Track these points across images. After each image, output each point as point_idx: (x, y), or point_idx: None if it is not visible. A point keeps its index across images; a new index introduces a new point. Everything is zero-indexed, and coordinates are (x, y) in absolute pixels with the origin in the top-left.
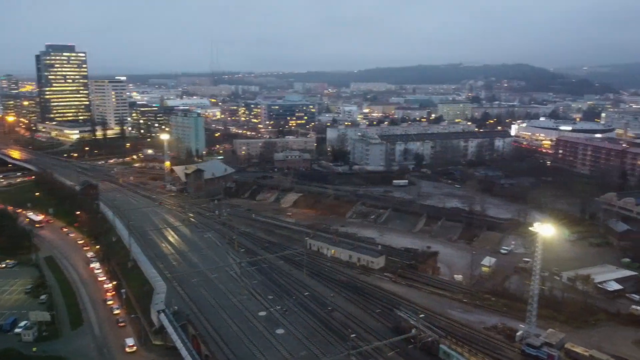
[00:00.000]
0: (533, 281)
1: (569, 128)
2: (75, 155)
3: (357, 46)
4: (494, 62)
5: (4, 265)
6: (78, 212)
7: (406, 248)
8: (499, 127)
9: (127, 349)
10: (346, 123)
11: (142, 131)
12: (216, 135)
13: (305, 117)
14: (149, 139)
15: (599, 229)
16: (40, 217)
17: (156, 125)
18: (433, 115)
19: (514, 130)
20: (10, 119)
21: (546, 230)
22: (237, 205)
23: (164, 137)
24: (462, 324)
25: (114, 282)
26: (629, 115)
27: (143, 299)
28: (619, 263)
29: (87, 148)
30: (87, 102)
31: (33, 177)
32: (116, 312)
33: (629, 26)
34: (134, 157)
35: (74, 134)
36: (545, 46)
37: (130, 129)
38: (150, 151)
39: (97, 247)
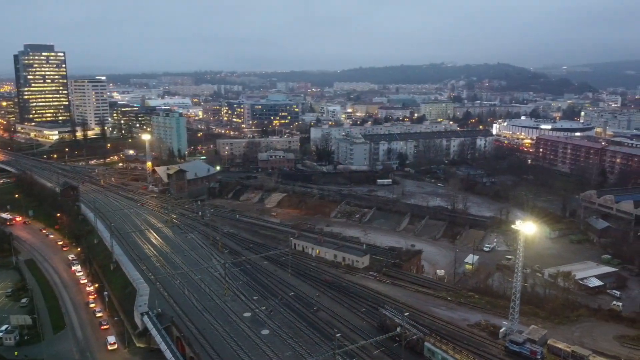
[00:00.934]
0: (515, 278)
1: (549, 127)
2: (55, 156)
3: (340, 46)
4: (475, 62)
5: None
6: (58, 214)
7: (390, 247)
8: (481, 126)
9: (109, 347)
10: (330, 123)
11: (123, 131)
12: (198, 135)
13: (289, 117)
14: (130, 140)
15: (580, 226)
16: (9, 216)
17: (137, 125)
18: (416, 115)
19: (495, 129)
20: None
21: (527, 227)
22: (221, 205)
23: (146, 137)
24: (446, 322)
25: (96, 285)
26: (608, 114)
27: (126, 302)
28: (600, 260)
29: (67, 149)
30: (67, 103)
31: (15, 178)
32: (99, 314)
33: (607, 26)
34: (115, 157)
35: (53, 135)
36: (526, 46)
37: (111, 129)
38: (131, 152)
39: (79, 249)
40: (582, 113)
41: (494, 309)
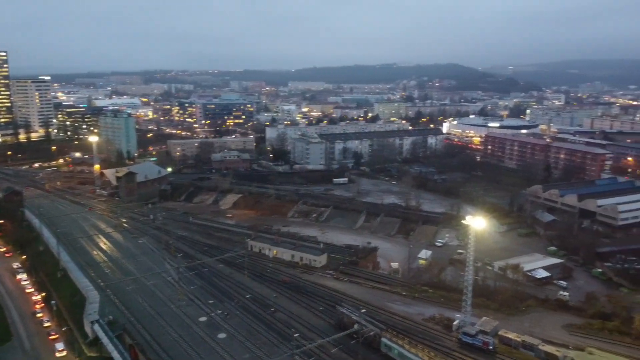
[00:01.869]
0: (467, 272)
1: (497, 125)
2: None
3: (294, 45)
4: (426, 62)
5: None
6: (1, 221)
7: (347, 245)
8: (432, 125)
9: (57, 354)
10: (285, 122)
11: (69, 133)
12: (149, 136)
13: (244, 117)
14: (76, 142)
15: (527, 220)
16: None
17: (84, 126)
18: (370, 114)
19: (445, 127)
20: None
21: (477, 222)
22: (173, 208)
23: (93, 139)
24: (402, 317)
25: (43, 293)
26: (552, 112)
27: (75, 310)
28: (546, 252)
29: (9, 152)
30: (9, 104)
31: None
32: (47, 324)
33: (551, 27)
34: (61, 160)
35: None
36: (474, 47)
37: (56, 131)
38: (78, 154)
39: (23, 257)
40: (528, 111)
41: (447, 302)
